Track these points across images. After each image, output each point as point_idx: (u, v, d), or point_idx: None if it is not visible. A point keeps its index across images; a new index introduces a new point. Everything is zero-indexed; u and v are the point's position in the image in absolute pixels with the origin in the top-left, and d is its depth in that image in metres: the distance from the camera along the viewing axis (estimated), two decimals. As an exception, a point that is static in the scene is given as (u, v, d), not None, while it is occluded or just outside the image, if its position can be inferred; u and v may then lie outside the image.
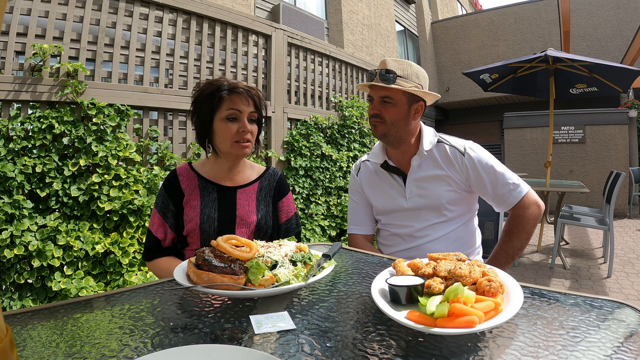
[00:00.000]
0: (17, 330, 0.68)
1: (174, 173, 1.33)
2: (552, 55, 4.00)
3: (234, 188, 1.33)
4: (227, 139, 1.24)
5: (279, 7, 7.43)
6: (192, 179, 1.31)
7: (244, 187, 1.34)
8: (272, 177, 1.41)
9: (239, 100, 1.24)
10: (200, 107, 1.27)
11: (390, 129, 1.37)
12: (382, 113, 1.36)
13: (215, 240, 0.85)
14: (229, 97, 1.24)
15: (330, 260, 0.91)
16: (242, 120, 1.25)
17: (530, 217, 1.33)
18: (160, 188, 1.33)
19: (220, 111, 1.24)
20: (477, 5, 20.08)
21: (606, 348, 0.57)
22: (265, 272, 0.79)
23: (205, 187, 1.30)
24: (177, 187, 1.29)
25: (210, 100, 1.24)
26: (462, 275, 0.69)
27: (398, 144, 1.42)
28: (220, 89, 1.24)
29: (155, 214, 1.29)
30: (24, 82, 2.20)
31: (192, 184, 1.30)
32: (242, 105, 1.24)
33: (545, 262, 4.15)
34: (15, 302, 2.01)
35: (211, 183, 1.31)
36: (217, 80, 1.28)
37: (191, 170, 1.34)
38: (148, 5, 2.80)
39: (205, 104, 1.25)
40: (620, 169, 6.44)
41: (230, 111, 1.23)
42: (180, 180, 1.31)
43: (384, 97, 1.35)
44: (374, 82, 1.35)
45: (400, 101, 1.35)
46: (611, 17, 10.80)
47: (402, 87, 1.31)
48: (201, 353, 0.55)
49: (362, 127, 4.64)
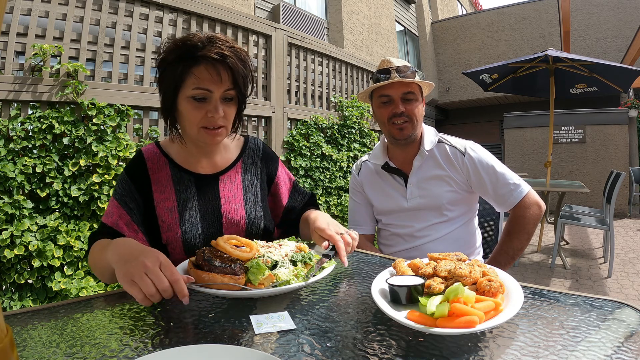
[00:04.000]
0: (18, 331, 0.68)
1: (141, 157, 1.06)
2: (552, 55, 4.00)
3: (214, 176, 1.09)
4: (192, 123, 0.97)
5: (279, 7, 7.43)
6: (163, 168, 1.06)
7: (226, 171, 1.11)
8: (254, 152, 1.18)
9: (210, 74, 0.93)
10: (163, 75, 0.98)
11: (415, 127, 1.36)
12: (407, 111, 1.34)
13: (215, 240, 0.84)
14: (197, 70, 0.93)
15: (330, 260, 0.91)
16: (213, 101, 0.96)
17: (531, 218, 1.33)
18: (122, 173, 1.06)
19: (185, 88, 0.95)
20: (477, 5, 20.09)
21: (606, 348, 0.57)
22: (265, 272, 0.79)
23: (180, 179, 1.06)
24: (144, 176, 1.04)
25: (173, 71, 0.94)
26: (462, 275, 0.69)
27: (410, 144, 1.41)
28: (188, 54, 0.93)
29: (112, 202, 1.02)
30: (24, 82, 2.20)
31: (163, 176, 1.05)
32: (212, 84, 0.94)
33: (545, 262, 4.15)
34: (15, 302, 2.01)
35: (186, 172, 1.07)
36: (187, 38, 0.94)
37: (161, 154, 1.07)
38: (148, 5, 2.80)
39: (168, 73, 0.96)
40: (620, 168, 6.43)
41: (197, 91, 0.94)
42: (149, 167, 1.05)
43: (407, 93, 1.34)
44: (392, 79, 1.32)
45: (419, 96, 1.36)
46: (611, 17, 10.80)
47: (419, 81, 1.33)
48: (201, 353, 0.55)
49: (362, 127, 4.63)
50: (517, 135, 7.74)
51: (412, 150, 1.43)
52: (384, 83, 1.34)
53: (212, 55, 0.92)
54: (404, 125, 1.35)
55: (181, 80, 0.94)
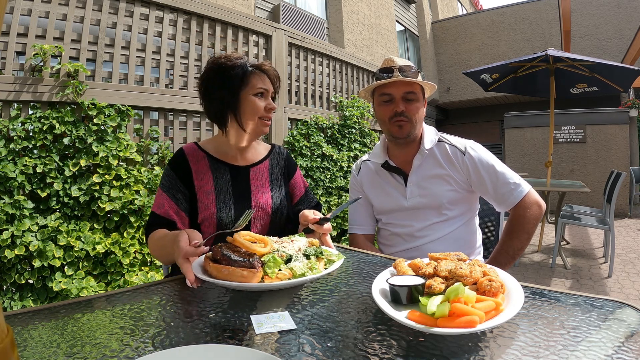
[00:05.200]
0: (18, 331, 0.68)
1: (182, 152, 1.25)
2: (553, 54, 3.99)
3: (246, 167, 1.28)
4: (254, 114, 1.21)
5: (279, 7, 7.43)
6: (202, 160, 1.24)
7: (256, 165, 1.30)
8: (279, 155, 1.39)
9: (265, 78, 1.24)
10: (223, 79, 1.20)
11: (415, 127, 1.36)
12: (406, 111, 1.34)
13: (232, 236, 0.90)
14: (258, 74, 1.22)
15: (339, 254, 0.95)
16: (268, 98, 1.24)
17: (531, 217, 1.32)
18: (166, 168, 1.23)
19: (250, 86, 1.20)
20: (478, 5, 20.08)
21: (607, 348, 0.57)
22: (281, 265, 0.83)
23: (217, 169, 1.24)
24: (187, 169, 1.21)
25: (239, 75, 1.20)
26: (462, 275, 0.69)
27: (410, 143, 1.41)
28: (246, 65, 1.21)
29: (161, 195, 1.18)
30: (24, 82, 2.20)
31: (202, 166, 1.23)
32: (268, 84, 1.24)
33: (546, 262, 4.15)
34: (16, 302, 2.01)
35: (222, 163, 1.25)
36: (235, 55, 1.23)
37: (199, 150, 1.26)
38: (148, 5, 2.80)
39: (232, 77, 1.20)
40: (620, 168, 6.43)
41: (260, 88, 1.21)
42: (190, 160, 1.23)
43: (409, 92, 1.34)
44: (394, 78, 1.32)
45: (420, 96, 1.36)
46: (612, 16, 10.80)
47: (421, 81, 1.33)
48: (202, 353, 0.55)
49: (363, 127, 4.63)
50: (518, 135, 7.74)
51: (412, 149, 1.42)
52: (386, 81, 1.34)
53: (266, 66, 1.24)
54: (403, 124, 1.35)
55: (247, 80, 1.20)
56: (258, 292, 0.85)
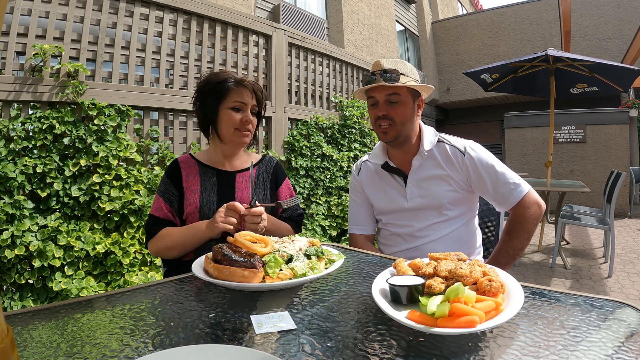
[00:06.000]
0: (18, 331, 0.68)
1: (176, 162, 1.40)
2: (553, 54, 3.99)
3: (233, 172, 1.40)
4: (230, 126, 1.34)
5: (279, 7, 7.43)
6: (193, 166, 1.39)
7: (243, 171, 1.41)
8: (269, 164, 1.49)
9: (245, 92, 1.34)
10: (207, 94, 1.35)
11: (400, 130, 1.35)
12: (390, 114, 1.34)
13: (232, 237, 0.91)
14: (236, 89, 1.33)
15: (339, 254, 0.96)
16: (246, 112, 1.35)
17: (531, 217, 1.32)
18: (163, 175, 1.40)
19: (227, 101, 1.33)
20: (478, 5, 20.08)
21: (607, 348, 0.57)
22: (282, 265, 0.84)
23: (204, 172, 1.37)
24: (178, 175, 1.36)
25: (219, 90, 1.33)
26: (462, 275, 0.69)
27: (403, 144, 1.41)
28: (228, 80, 1.33)
29: (158, 199, 1.34)
30: (24, 82, 2.20)
31: (192, 171, 1.37)
32: (246, 98, 1.34)
33: (545, 261, 4.15)
34: (16, 302, 2.01)
35: (210, 168, 1.39)
36: (223, 72, 1.38)
37: (192, 159, 1.42)
38: (148, 5, 2.80)
39: (213, 92, 1.34)
40: (620, 168, 6.43)
41: (236, 103, 1.33)
42: (182, 167, 1.38)
43: (391, 94, 1.34)
44: (376, 83, 1.32)
45: (406, 98, 1.35)
46: (612, 16, 10.80)
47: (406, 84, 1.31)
48: (202, 353, 0.55)
49: (363, 127, 4.63)
50: (518, 135, 7.74)
51: (411, 150, 1.42)
52: (369, 86, 1.35)
53: (246, 82, 1.36)
54: (387, 129, 1.35)
55: (225, 94, 1.33)
56: (258, 292, 0.85)
